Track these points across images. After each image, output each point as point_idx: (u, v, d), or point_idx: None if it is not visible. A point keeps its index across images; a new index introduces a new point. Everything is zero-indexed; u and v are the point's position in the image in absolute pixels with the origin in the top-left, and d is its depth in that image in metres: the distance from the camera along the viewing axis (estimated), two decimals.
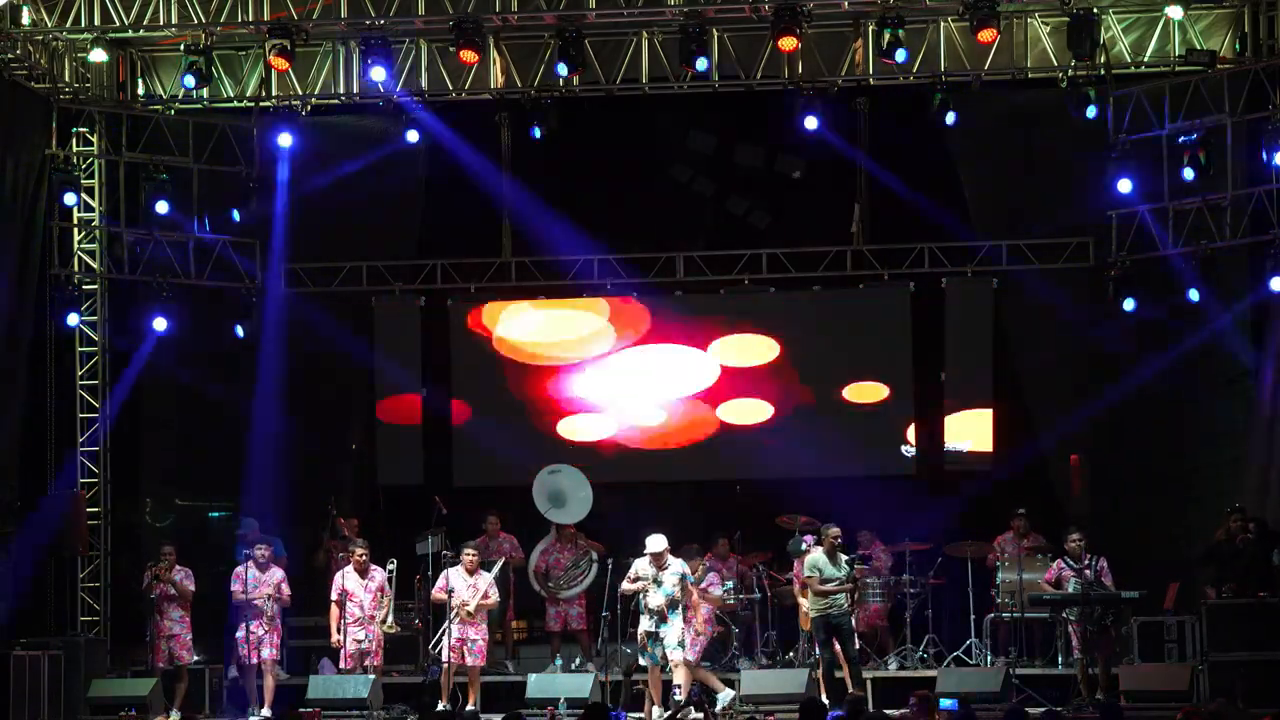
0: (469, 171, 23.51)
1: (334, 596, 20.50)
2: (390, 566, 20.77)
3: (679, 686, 19.26)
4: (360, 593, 20.40)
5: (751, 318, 23.86)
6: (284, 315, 23.53)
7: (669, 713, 19.07)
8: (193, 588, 20.90)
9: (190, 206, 22.75)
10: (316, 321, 23.76)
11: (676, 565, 19.44)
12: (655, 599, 19.32)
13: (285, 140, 22.29)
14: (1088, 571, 19.93)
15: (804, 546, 20.64)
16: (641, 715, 19.55)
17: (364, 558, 20.48)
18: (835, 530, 20.05)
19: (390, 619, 20.50)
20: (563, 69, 21.30)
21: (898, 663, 21.39)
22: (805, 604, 20.38)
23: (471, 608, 20.12)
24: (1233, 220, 21.49)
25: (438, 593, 20.27)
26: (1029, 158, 22.65)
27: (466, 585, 20.24)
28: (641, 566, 19.47)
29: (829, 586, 19.76)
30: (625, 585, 19.56)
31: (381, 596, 20.45)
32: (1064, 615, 20.16)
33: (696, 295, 23.91)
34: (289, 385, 23.63)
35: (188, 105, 22.73)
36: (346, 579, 20.47)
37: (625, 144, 23.39)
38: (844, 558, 20.01)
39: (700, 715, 18.92)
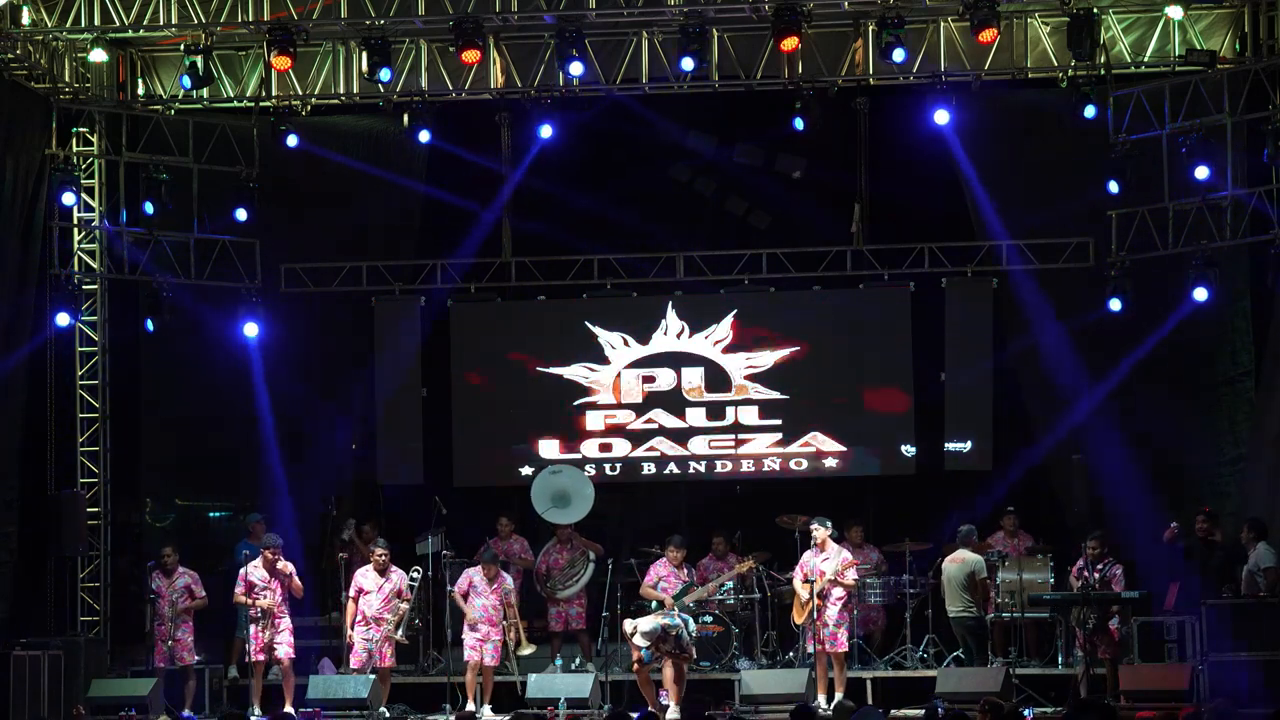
0: (469, 171, 23.52)
1: (350, 593, 20.55)
2: (414, 575, 20.76)
3: None
4: (374, 592, 20.42)
5: (752, 318, 23.85)
6: (284, 315, 23.53)
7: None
8: (203, 593, 20.96)
9: (190, 206, 22.74)
10: (316, 321, 23.77)
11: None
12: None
13: (291, 141, 22.28)
14: (1095, 574, 19.96)
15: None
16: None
17: (384, 558, 20.51)
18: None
19: (400, 631, 20.50)
20: (576, 68, 21.17)
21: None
22: (804, 595, 20.32)
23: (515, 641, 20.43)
24: (1233, 220, 21.47)
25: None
26: (1029, 158, 22.63)
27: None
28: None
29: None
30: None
31: (398, 601, 20.47)
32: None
33: (696, 295, 23.93)
34: (289, 385, 23.64)
35: (188, 105, 22.71)
36: (364, 577, 20.51)
37: (625, 144, 23.37)
38: None
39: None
